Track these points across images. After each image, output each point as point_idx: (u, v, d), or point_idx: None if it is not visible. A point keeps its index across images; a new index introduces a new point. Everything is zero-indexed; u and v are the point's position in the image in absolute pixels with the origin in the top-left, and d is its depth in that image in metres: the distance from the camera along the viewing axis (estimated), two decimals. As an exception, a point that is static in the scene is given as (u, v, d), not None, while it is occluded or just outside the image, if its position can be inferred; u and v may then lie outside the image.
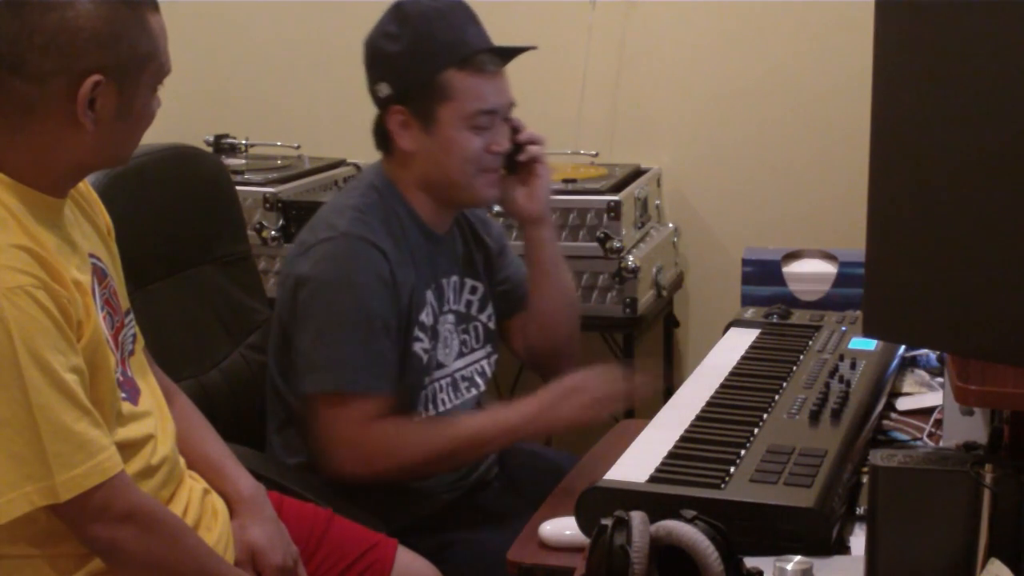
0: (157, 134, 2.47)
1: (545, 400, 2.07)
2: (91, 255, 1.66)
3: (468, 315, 2.26)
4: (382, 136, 2.18)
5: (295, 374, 2.12)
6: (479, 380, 2.28)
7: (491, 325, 2.30)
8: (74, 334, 1.54)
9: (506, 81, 2.17)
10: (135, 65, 1.58)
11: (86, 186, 1.75)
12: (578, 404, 2.05)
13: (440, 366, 2.19)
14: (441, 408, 2.20)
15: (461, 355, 2.25)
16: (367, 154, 2.91)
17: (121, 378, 1.66)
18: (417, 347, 2.13)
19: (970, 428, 1.70)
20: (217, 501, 1.82)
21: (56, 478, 1.49)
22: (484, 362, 2.30)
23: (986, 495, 1.30)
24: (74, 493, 1.51)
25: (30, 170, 1.57)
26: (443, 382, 2.19)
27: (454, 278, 2.23)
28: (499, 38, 2.36)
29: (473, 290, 2.27)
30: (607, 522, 1.38)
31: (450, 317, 2.22)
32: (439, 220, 2.20)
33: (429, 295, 2.17)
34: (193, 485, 1.79)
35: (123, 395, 1.66)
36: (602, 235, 2.94)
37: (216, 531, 1.76)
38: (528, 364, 2.41)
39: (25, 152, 1.57)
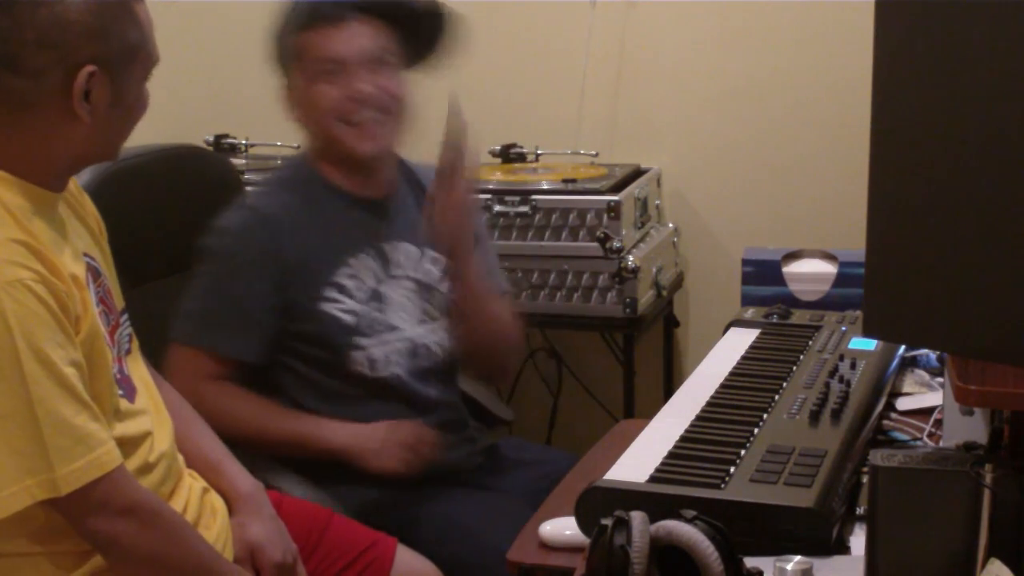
0: (157, 134, 2.48)
1: (374, 439, 2.13)
2: (85, 254, 1.66)
3: (429, 284, 2.29)
4: None
5: None
6: (437, 351, 2.28)
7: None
8: (72, 328, 1.55)
9: (361, 31, 2.18)
10: (126, 55, 1.60)
11: (77, 188, 1.75)
12: (393, 457, 2.12)
13: (393, 329, 2.22)
14: (397, 370, 2.23)
15: (423, 323, 2.27)
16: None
17: (118, 376, 1.66)
18: (331, 308, 2.17)
19: (970, 428, 1.69)
20: (216, 499, 1.82)
21: (56, 472, 1.50)
22: (445, 334, 2.30)
23: (986, 495, 1.30)
24: (74, 487, 1.51)
25: (26, 164, 1.58)
26: (400, 346, 2.22)
27: (407, 245, 2.26)
28: (499, 38, 2.37)
29: (435, 261, 2.29)
30: (607, 522, 1.38)
31: (407, 283, 2.25)
32: (360, 184, 2.24)
33: (361, 259, 2.20)
34: (192, 483, 1.79)
35: (120, 392, 1.66)
36: (602, 235, 2.94)
37: (215, 529, 1.76)
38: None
39: (21, 147, 1.58)
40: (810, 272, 2.77)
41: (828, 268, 2.76)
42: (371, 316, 2.20)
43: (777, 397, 1.93)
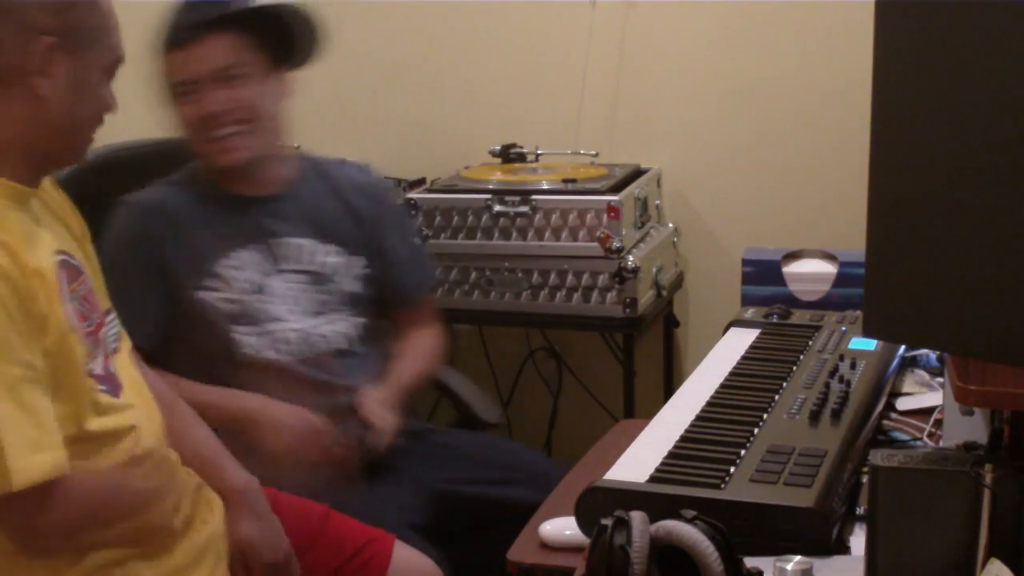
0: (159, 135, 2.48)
1: (289, 417, 2.19)
2: (61, 251, 1.65)
3: (325, 277, 2.34)
4: None
5: None
6: (344, 341, 2.34)
7: (356, 290, 2.38)
8: (37, 327, 1.53)
9: (214, 47, 2.23)
10: (85, 36, 1.61)
11: (57, 191, 1.76)
12: (289, 441, 2.16)
13: (276, 319, 2.28)
14: (279, 356, 2.28)
15: (318, 314, 2.32)
16: (366, 154, 2.91)
17: (102, 372, 1.66)
18: (211, 296, 2.25)
19: (970, 428, 1.70)
20: (212, 495, 1.82)
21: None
22: (346, 324, 2.35)
23: (986, 495, 1.30)
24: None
25: None
26: (286, 335, 2.27)
27: (299, 240, 2.32)
28: (499, 38, 2.35)
29: (333, 253, 2.36)
30: (607, 522, 1.38)
31: (297, 276, 2.31)
32: (244, 185, 2.31)
33: (245, 253, 2.27)
34: (187, 480, 1.79)
35: (102, 388, 1.65)
36: (602, 235, 2.94)
37: (212, 524, 1.76)
38: None
39: None
40: (810, 272, 2.77)
41: (828, 268, 2.76)
42: (253, 307, 2.27)
43: (777, 397, 1.93)
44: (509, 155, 3.31)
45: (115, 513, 1.63)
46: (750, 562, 1.38)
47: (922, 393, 2.12)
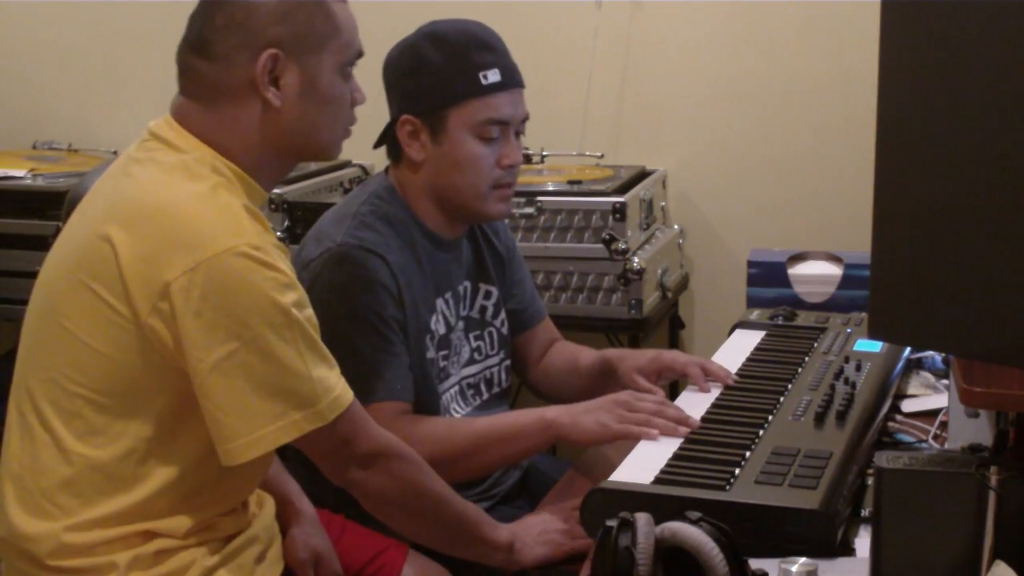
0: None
1: (584, 405, 1.98)
2: None
3: (483, 321, 2.20)
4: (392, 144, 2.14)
5: None
6: (483, 388, 2.21)
7: (504, 331, 2.24)
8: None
9: (521, 96, 2.12)
10: (313, 40, 1.63)
11: None
12: (618, 416, 1.90)
13: (448, 377, 2.13)
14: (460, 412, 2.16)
15: (472, 362, 2.18)
16: (372, 155, 2.91)
17: None
18: (432, 354, 2.08)
19: (975, 430, 1.69)
20: (263, 494, 1.84)
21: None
22: (497, 368, 2.23)
23: (991, 497, 1.30)
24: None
25: (239, 152, 1.63)
26: (452, 391, 2.14)
27: (466, 283, 2.17)
28: (504, 39, 2.32)
29: (487, 295, 2.22)
30: (612, 523, 1.38)
31: (461, 324, 2.16)
32: (449, 227, 2.13)
33: (441, 303, 2.10)
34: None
35: None
36: (607, 236, 2.94)
37: (261, 517, 1.78)
38: (525, 383, 2.40)
39: (228, 132, 1.62)
40: (815, 274, 2.77)
41: (833, 270, 2.76)
42: (443, 363, 2.12)
43: (782, 399, 1.93)
44: (514, 156, 3.31)
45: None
46: (755, 564, 1.38)
47: (927, 395, 2.12)
